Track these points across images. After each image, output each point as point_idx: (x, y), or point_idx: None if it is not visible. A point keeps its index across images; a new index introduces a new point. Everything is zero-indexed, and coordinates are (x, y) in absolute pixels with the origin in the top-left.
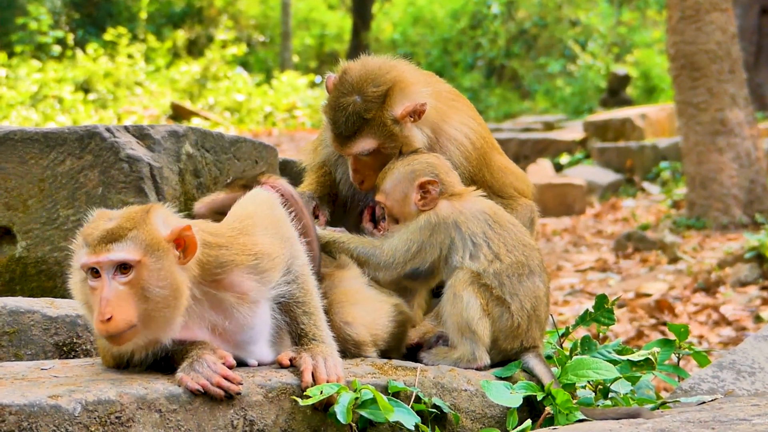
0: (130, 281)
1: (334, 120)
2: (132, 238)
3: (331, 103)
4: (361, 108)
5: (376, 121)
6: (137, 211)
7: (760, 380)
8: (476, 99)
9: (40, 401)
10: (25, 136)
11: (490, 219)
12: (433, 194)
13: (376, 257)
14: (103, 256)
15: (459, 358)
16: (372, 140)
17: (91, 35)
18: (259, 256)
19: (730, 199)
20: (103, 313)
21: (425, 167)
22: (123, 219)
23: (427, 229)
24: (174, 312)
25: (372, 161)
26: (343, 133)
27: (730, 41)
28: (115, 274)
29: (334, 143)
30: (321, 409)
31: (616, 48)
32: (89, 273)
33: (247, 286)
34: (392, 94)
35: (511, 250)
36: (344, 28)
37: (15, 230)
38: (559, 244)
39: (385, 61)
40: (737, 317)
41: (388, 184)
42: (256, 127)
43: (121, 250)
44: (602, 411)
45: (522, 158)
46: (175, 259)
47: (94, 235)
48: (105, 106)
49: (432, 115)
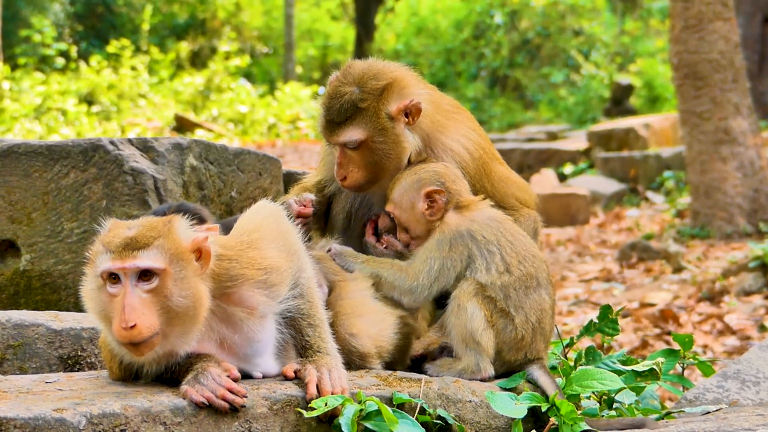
0: (153, 289)
1: (328, 107)
2: (158, 247)
3: (329, 91)
4: (357, 98)
5: (369, 112)
6: (159, 221)
7: (764, 390)
8: (480, 109)
9: (44, 414)
10: (29, 149)
11: (501, 227)
12: (440, 204)
13: (402, 281)
14: (129, 263)
15: (463, 369)
16: (362, 131)
17: (95, 47)
18: (268, 271)
19: (734, 209)
20: (126, 319)
21: (431, 176)
22: (146, 228)
23: (445, 244)
24: (194, 322)
25: (358, 157)
26: (335, 119)
27: (733, 50)
28: (137, 282)
29: (324, 131)
30: (326, 421)
31: (620, 57)
32: (109, 280)
33: (256, 300)
34: (391, 89)
35: (522, 261)
36: (347, 38)
37: (19, 243)
38: (563, 255)
39: (390, 63)
40: (742, 327)
41: (396, 194)
42: (259, 139)
43: (147, 258)
44: (607, 422)
45: (526, 168)
46: (196, 270)
47: (118, 242)
48: (109, 119)
49: (427, 125)
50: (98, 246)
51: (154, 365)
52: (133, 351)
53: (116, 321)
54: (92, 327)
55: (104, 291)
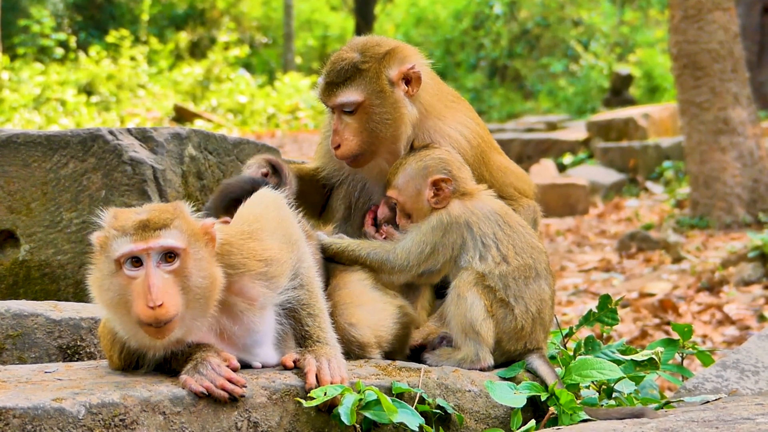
0: (174, 270)
1: (328, 70)
2: (177, 227)
3: (331, 59)
4: (358, 60)
5: (370, 73)
6: (168, 205)
7: (764, 379)
8: (479, 99)
9: (44, 404)
10: (28, 139)
11: (500, 220)
12: (447, 192)
13: (390, 261)
14: (152, 242)
15: (462, 359)
16: (360, 92)
17: (94, 38)
18: (269, 263)
19: (733, 199)
20: (154, 298)
21: (438, 163)
22: (158, 211)
23: (440, 229)
24: (208, 306)
25: (354, 123)
26: (334, 80)
27: (732, 40)
28: (159, 263)
29: (322, 94)
30: (325, 410)
31: (619, 48)
32: (128, 262)
33: (257, 291)
34: (393, 54)
35: (519, 253)
36: (347, 29)
37: (18, 233)
38: (562, 245)
39: (395, 40)
40: (741, 316)
41: (400, 180)
42: (259, 129)
43: (170, 237)
44: (606, 411)
45: (525, 158)
46: (210, 252)
47: (136, 224)
48: (108, 109)
49: (427, 102)
50: (111, 231)
51: (159, 352)
52: (154, 333)
53: (140, 302)
54: (91, 317)
55: (120, 276)
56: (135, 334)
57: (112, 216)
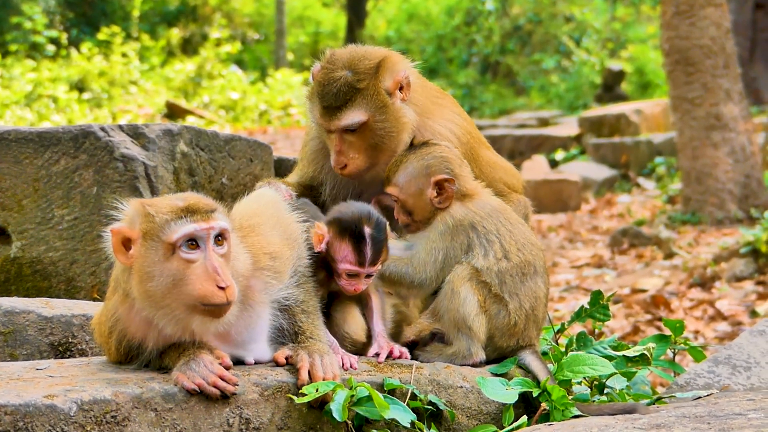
0: (225, 254)
1: (323, 94)
2: (221, 212)
3: (320, 80)
4: (353, 79)
5: (369, 91)
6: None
7: (755, 375)
8: (471, 95)
9: (35, 401)
10: (19, 135)
11: (501, 217)
12: (450, 192)
13: (410, 275)
14: (213, 222)
15: (454, 354)
16: (363, 112)
17: (86, 34)
18: (274, 257)
19: (725, 194)
20: (222, 279)
21: (440, 162)
22: (194, 196)
23: (447, 234)
24: (242, 290)
25: (358, 141)
26: (333, 104)
27: (724, 36)
28: (213, 246)
29: (322, 119)
30: (317, 406)
31: (611, 44)
32: (185, 245)
33: (262, 286)
34: (384, 65)
35: (521, 249)
36: (339, 25)
37: (10, 230)
38: (554, 241)
39: (370, 47)
40: (733, 312)
41: (401, 177)
42: (251, 125)
43: (221, 220)
44: (598, 407)
45: (517, 154)
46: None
47: (189, 207)
48: (100, 106)
49: (418, 101)
50: (162, 216)
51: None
52: (216, 315)
53: (208, 283)
54: (83, 314)
55: (175, 260)
56: (184, 318)
57: (141, 205)
